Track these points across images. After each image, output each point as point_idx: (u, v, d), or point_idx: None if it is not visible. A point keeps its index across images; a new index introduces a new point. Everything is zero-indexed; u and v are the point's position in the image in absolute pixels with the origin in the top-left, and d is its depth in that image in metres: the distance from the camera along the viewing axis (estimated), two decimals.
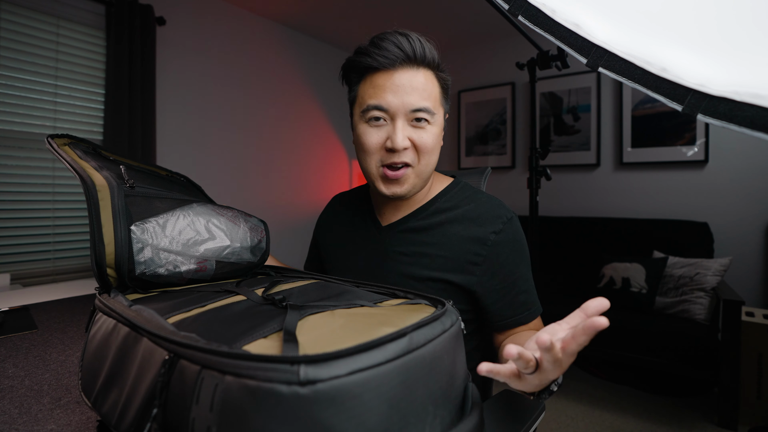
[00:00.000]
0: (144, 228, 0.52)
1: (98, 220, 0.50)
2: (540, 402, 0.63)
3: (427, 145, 0.67)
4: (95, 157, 0.60)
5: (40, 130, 1.79)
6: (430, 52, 0.66)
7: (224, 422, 0.27)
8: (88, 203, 0.50)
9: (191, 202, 0.62)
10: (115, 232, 0.50)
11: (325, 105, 3.18)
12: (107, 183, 0.52)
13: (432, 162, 0.69)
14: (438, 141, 0.70)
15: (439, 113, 0.69)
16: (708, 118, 0.29)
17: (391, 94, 0.65)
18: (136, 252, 0.51)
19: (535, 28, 0.37)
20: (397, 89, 0.65)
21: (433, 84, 0.68)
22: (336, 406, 0.26)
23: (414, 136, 0.66)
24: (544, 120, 2.87)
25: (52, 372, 0.63)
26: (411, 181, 0.69)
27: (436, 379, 0.33)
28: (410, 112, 0.66)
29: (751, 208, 2.24)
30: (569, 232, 2.62)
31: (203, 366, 0.29)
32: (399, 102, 0.65)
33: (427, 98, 0.66)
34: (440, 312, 0.37)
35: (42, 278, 1.81)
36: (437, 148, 0.70)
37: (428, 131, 0.67)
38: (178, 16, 2.23)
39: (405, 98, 0.65)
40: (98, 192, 0.51)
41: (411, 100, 0.65)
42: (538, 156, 1.59)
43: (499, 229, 0.69)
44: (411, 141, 0.66)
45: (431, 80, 0.67)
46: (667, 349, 1.81)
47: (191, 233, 0.56)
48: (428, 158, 0.68)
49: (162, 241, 0.53)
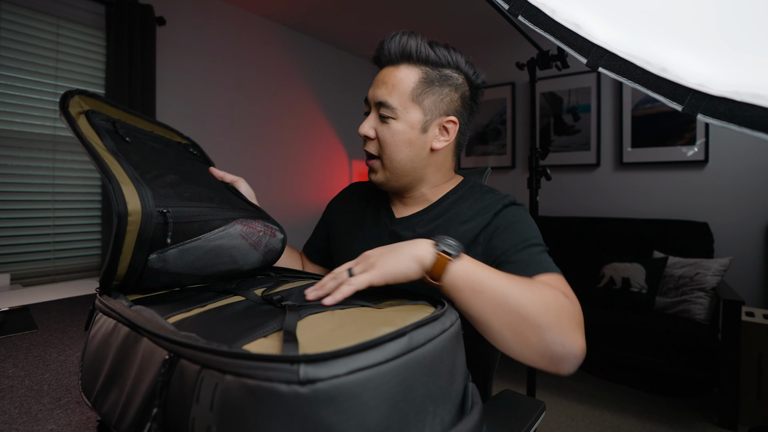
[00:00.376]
0: (163, 257, 0.49)
1: (118, 247, 0.45)
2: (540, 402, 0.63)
3: (386, 140, 0.70)
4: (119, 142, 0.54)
5: (40, 130, 1.79)
6: (415, 47, 0.69)
7: (224, 421, 0.27)
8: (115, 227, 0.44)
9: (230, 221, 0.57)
10: (132, 259, 0.47)
11: (325, 105, 3.17)
12: (141, 210, 0.46)
13: (398, 159, 0.71)
14: (403, 138, 0.70)
15: (408, 110, 0.69)
16: (708, 118, 0.29)
17: (372, 88, 0.72)
18: (146, 274, 0.49)
19: (535, 28, 0.37)
20: (376, 83, 0.72)
21: (408, 80, 0.69)
22: (336, 405, 0.26)
23: (379, 128, 0.71)
24: (544, 120, 2.87)
25: (52, 372, 0.63)
26: (381, 173, 0.73)
27: (435, 378, 0.33)
28: (375, 105, 0.71)
29: (751, 208, 2.24)
30: (569, 232, 2.62)
31: (203, 365, 0.29)
32: (372, 94, 0.72)
33: (391, 93, 0.69)
34: (440, 312, 0.37)
35: (42, 278, 1.81)
36: (404, 145, 0.70)
37: (390, 126, 0.70)
38: (178, 16, 2.23)
39: (376, 91, 0.71)
40: (129, 219, 0.45)
41: (378, 93, 0.70)
42: (538, 156, 1.59)
43: (504, 204, 0.69)
44: (376, 132, 0.71)
45: (408, 74, 0.69)
46: (667, 349, 1.81)
47: (209, 260, 0.54)
48: (391, 153, 0.71)
49: (176, 266, 0.51)
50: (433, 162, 0.74)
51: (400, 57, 0.70)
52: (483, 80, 0.74)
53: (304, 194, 3.01)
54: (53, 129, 1.83)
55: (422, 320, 0.34)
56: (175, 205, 0.50)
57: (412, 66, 0.69)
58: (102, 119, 0.57)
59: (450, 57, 0.70)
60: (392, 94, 0.69)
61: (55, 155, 1.84)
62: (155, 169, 0.54)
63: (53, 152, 1.84)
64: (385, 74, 0.70)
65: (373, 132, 0.71)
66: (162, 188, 0.51)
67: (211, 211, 0.56)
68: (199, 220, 0.53)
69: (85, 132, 0.51)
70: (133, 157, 0.53)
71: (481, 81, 0.74)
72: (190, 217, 0.52)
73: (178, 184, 0.55)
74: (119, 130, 0.58)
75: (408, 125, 0.69)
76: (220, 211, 0.57)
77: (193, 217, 0.52)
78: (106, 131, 0.54)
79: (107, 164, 0.48)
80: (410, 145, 0.70)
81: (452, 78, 0.71)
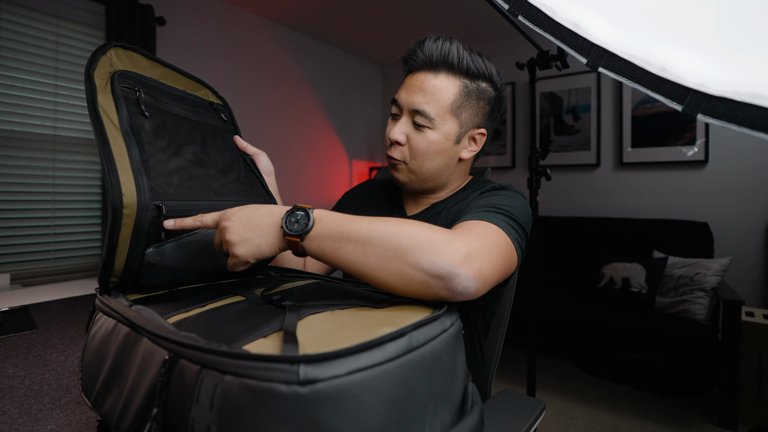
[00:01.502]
0: (161, 251, 0.49)
1: (113, 241, 0.45)
2: (540, 402, 0.63)
3: (419, 149, 0.69)
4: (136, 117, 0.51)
5: (40, 130, 1.79)
6: (457, 57, 0.66)
7: (224, 422, 0.27)
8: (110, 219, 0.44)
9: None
10: (129, 254, 0.47)
11: (325, 105, 3.17)
12: (137, 203, 0.46)
13: (428, 166, 0.70)
14: (436, 149, 0.69)
15: (446, 122, 0.68)
16: (708, 118, 0.29)
17: (404, 91, 0.70)
18: (144, 270, 0.49)
19: (535, 28, 0.37)
20: (410, 87, 0.69)
21: (449, 90, 0.67)
22: (336, 405, 0.26)
23: (412, 135, 0.69)
24: (544, 120, 2.87)
25: (52, 372, 0.63)
26: (405, 174, 0.73)
27: (435, 378, 0.33)
28: (410, 111, 0.69)
29: (751, 208, 2.24)
30: (569, 232, 2.62)
31: (203, 366, 0.29)
32: (406, 99, 0.69)
33: (430, 102, 0.67)
34: (440, 312, 0.37)
35: (42, 278, 1.81)
36: (435, 155, 0.69)
37: (425, 135, 0.68)
38: (178, 16, 2.23)
39: (411, 97, 0.68)
40: (124, 212, 0.45)
41: (414, 99, 0.68)
42: (538, 156, 1.59)
43: (486, 189, 0.70)
44: (408, 138, 0.69)
45: (449, 86, 0.67)
46: (667, 349, 1.81)
47: (207, 254, 0.54)
48: (421, 161, 0.70)
49: (173, 261, 0.51)
50: (459, 169, 0.76)
51: (440, 64, 0.67)
52: (508, 91, 0.75)
53: (304, 194, 3.00)
54: (53, 129, 1.83)
55: (422, 320, 0.34)
56: (173, 197, 0.50)
57: (451, 76, 0.67)
58: (127, 85, 0.53)
59: (486, 68, 0.69)
60: (431, 104, 0.67)
61: (55, 155, 1.84)
62: (167, 149, 0.53)
63: (53, 152, 1.84)
64: (423, 80, 0.67)
65: (404, 138, 0.69)
66: (164, 177, 0.51)
67: (210, 204, 0.55)
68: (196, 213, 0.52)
69: (102, 104, 0.48)
70: (145, 136, 0.51)
71: (506, 92, 0.75)
72: (186, 211, 0.51)
73: (185, 169, 0.54)
74: (143, 99, 0.54)
75: (443, 136, 0.68)
76: (221, 203, 0.57)
77: (191, 209, 0.52)
78: (126, 101, 0.51)
79: (111, 148, 0.46)
80: (441, 155, 0.70)
81: (487, 92, 0.71)
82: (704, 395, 1.99)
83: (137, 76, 0.55)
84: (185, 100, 0.62)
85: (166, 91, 0.59)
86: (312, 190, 3.07)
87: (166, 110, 0.57)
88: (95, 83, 0.49)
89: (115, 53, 0.54)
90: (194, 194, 0.54)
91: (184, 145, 0.57)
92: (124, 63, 0.55)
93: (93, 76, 0.49)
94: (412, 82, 0.69)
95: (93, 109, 0.47)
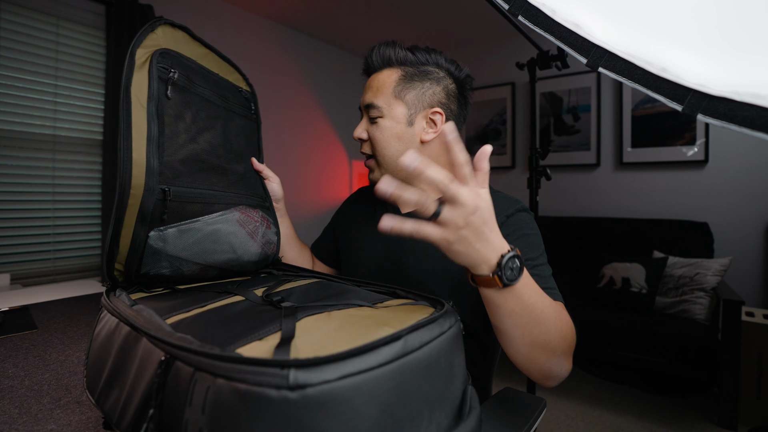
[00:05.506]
0: (163, 235, 0.51)
1: (119, 221, 0.47)
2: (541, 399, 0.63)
3: (376, 137, 0.75)
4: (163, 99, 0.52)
5: (40, 130, 1.79)
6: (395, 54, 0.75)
7: (215, 425, 0.27)
8: (117, 198, 0.47)
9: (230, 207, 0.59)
10: (134, 236, 0.49)
11: (325, 105, 3.17)
12: (144, 185, 0.48)
13: (389, 153, 0.75)
14: (392, 133, 0.74)
15: (392, 106, 0.74)
16: (708, 118, 0.29)
17: (362, 96, 0.78)
18: (147, 254, 0.50)
19: (535, 28, 0.37)
20: (364, 90, 0.78)
21: (390, 79, 0.74)
22: (326, 411, 0.25)
23: (369, 129, 0.76)
24: (544, 120, 2.87)
25: (52, 372, 0.63)
26: (377, 170, 0.78)
27: (432, 382, 0.32)
28: (365, 109, 0.77)
29: (751, 208, 2.24)
30: (569, 232, 2.62)
31: (196, 368, 0.29)
32: (361, 100, 0.78)
33: (375, 94, 0.75)
34: (438, 314, 0.37)
35: (42, 278, 1.81)
36: (393, 139, 0.74)
37: (379, 125, 0.74)
38: (178, 16, 2.23)
39: (364, 96, 0.77)
40: (132, 192, 0.47)
41: (365, 97, 0.76)
42: (538, 156, 1.59)
43: (517, 209, 0.71)
44: (368, 133, 0.76)
45: (389, 75, 0.75)
46: (667, 349, 1.81)
47: (207, 244, 0.55)
48: (382, 150, 0.75)
49: (175, 248, 0.52)
50: (426, 155, 0.75)
51: (382, 64, 0.76)
52: (467, 73, 0.78)
53: (304, 194, 3.00)
54: (53, 129, 1.83)
55: (419, 323, 0.33)
56: (180, 184, 0.52)
57: (392, 68, 0.75)
58: (165, 65, 0.54)
59: (429, 56, 0.75)
60: (377, 95, 0.74)
61: (55, 155, 1.84)
62: (186, 133, 0.55)
63: (53, 152, 1.84)
64: (371, 80, 0.77)
65: (366, 134, 0.77)
66: (177, 161, 0.53)
67: (215, 194, 0.58)
68: (200, 202, 0.55)
69: (136, 83, 0.50)
70: (168, 118, 0.53)
71: (465, 74, 0.77)
72: (191, 197, 0.54)
73: (198, 156, 0.57)
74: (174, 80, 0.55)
75: (394, 120, 0.74)
76: (224, 194, 0.60)
77: (195, 198, 0.54)
78: (159, 81, 0.53)
79: (132, 126, 0.48)
80: (399, 140, 0.74)
81: (432, 73, 0.75)
82: (704, 395, 1.99)
83: (177, 56, 0.57)
84: (217, 84, 0.64)
85: (201, 72, 0.61)
86: (312, 190, 3.07)
87: (196, 93, 0.59)
88: (135, 60, 0.51)
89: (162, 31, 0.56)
90: (200, 182, 0.56)
91: (204, 130, 0.59)
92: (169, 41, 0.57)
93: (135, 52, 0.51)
94: (365, 86, 0.78)
95: (125, 86, 0.49)
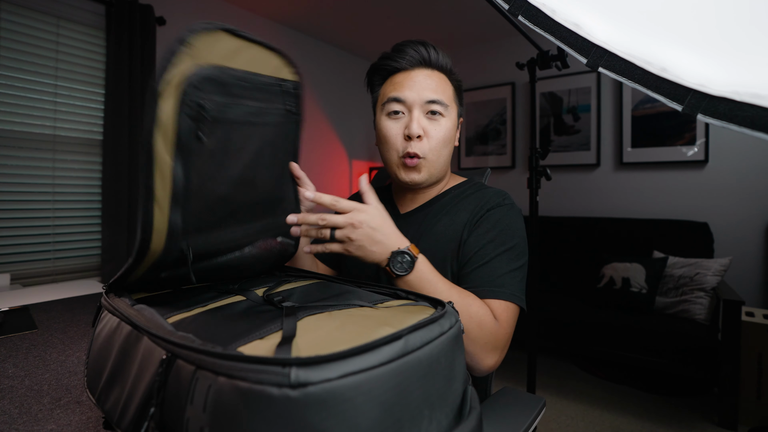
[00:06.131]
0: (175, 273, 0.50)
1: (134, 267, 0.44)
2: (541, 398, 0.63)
3: (439, 136, 0.73)
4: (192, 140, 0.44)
5: (40, 130, 1.79)
6: (443, 58, 0.76)
7: (216, 423, 0.27)
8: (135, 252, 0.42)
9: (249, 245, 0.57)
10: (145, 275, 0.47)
11: (325, 105, 3.17)
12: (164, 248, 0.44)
13: (444, 154, 0.76)
14: (450, 135, 0.75)
15: (453, 109, 0.76)
16: (708, 118, 0.29)
17: (408, 89, 0.73)
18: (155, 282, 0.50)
19: (535, 28, 0.37)
20: (414, 84, 0.73)
21: (446, 84, 0.76)
22: (327, 409, 0.26)
23: (428, 127, 0.73)
24: (544, 120, 2.87)
25: (52, 372, 0.63)
26: (426, 170, 0.75)
27: (432, 382, 0.33)
28: (425, 104, 0.73)
29: (751, 208, 2.24)
30: (569, 232, 2.62)
31: (198, 366, 0.29)
32: (415, 95, 0.73)
33: (441, 93, 0.74)
34: (439, 314, 0.37)
35: (42, 278, 1.81)
36: (449, 142, 0.76)
37: (441, 124, 0.74)
38: (178, 16, 2.23)
39: (421, 92, 0.73)
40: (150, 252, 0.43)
41: (426, 93, 0.73)
42: (538, 156, 1.59)
43: (491, 206, 0.74)
44: (425, 131, 0.73)
45: (445, 81, 0.76)
46: (667, 349, 1.81)
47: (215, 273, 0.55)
48: (440, 149, 0.74)
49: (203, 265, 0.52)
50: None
51: (443, 66, 0.76)
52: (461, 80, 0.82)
53: None
54: (53, 129, 1.83)
55: (419, 323, 0.33)
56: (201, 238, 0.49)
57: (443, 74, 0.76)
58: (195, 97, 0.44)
59: (449, 63, 0.77)
60: (439, 93, 0.73)
61: (55, 155, 1.84)
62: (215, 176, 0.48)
63: (53, 152, 1.84)
64: (424, 75, 0.74)
65: (422, 130, 0.73)
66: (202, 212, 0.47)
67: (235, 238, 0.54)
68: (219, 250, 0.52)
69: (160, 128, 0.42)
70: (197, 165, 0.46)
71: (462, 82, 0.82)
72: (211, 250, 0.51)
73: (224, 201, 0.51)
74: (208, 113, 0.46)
75: (452, 123, 0.76)
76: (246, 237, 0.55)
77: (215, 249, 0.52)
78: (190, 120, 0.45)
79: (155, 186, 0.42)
80: (450, 143, 0.77)
81: (459, 82, 0.80)
82: (704, 395, 1.99)
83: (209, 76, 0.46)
84: (254, 89, 0.53)
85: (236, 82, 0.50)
86: None
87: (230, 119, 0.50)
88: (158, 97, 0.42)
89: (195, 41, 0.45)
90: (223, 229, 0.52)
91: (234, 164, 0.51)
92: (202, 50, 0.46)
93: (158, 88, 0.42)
94: (412, 78, 0.74)
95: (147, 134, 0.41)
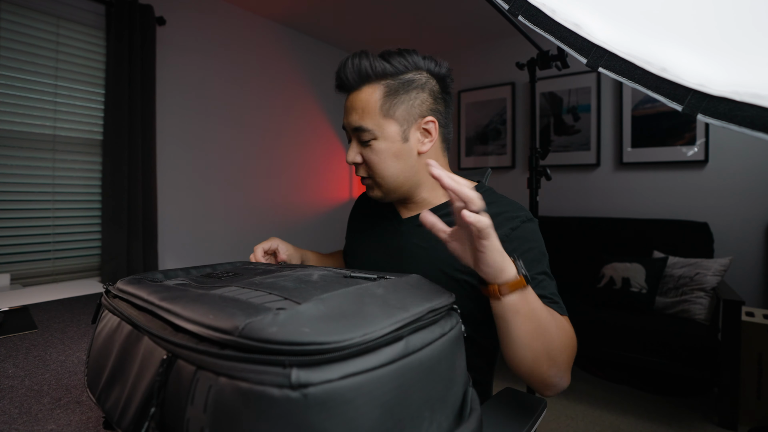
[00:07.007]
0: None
1: None
2: (542, 400, 0.63)
3: (372, 162, 0.71)
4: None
5: (40, 130, 1.79)
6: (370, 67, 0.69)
7: (216, 424, 0.27)
8: None
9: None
10: None
11: (325, 105, 3.17)
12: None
13: (389, 173, 0.72)
14: (388, 154, 0.70)
15: (383, 127, 0.70)
16: (708, 118, 0.29)
17: (345, 116, 0.73)
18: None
19: (535, 28, 0.37)
20: (346, 111, 0.73)
21: (373, 98, 0.69)
22: (328, 410, 0.25)
23: (363, 153, 0.72)
24: (544, 120, 2.87)
25: (52, 372, 0.63)
26: (379, 188, 0.74)
27: (433, 383, 0.32)
28: (353, 132, 0.72)
29: (751, 208, 2.24)
30: (569, 232, 2.61)
31: (198, 367, 0.29)
32: (347, 122, 0.73)
33: (361, 117, 0.70)
34: (439, 315, 0.36)
35: (42, 278, 1.81)
36: (391, 160, 0.71)
37: (373, 148, 0.71)
38: (178, 16, 2.23)
39: (349, 119, 0.72)
40: None
41: (351, 120, 0.71)
42: (538, 156, 1.59)
43: (515, 225, 0.69)
44: (362, 156, 0.73)
45: (371, 93, 0.69)
46: (667, 349, 1.81)
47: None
48: (381, 170, 0.72)
49: None
50: (423, 164, 0.74)
51: (359, 80, 0.70)
52: (447, 68, 0.73)
53: (304, 194, 3.00)
54: (53, 129, 1.83)
55: (420, 323, 0.33)
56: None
57: (372, 84, 0.70)
58: None
59: (406, 61, 0.70)
60: (364, 118, 0.69)
61: (55, 155, 1.84)
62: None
63: (53, 152, 1.84)
64: (352, 100, 0.72)
65: (360, 157, 0.73)
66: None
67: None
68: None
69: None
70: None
71: (445, 70, 0.73)
72: None
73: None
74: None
75: (389, 140, 0.70)
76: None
77: None
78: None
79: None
80: (397, 158, 0.71)
81: (415, 80, 0.71)
82: (704, 395, 1.99)
83: None
84: None
85: None
86: (312, 190, 3.07)
87: None
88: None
89: None
90: None
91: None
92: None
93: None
94: (346, 106, 0.73)
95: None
